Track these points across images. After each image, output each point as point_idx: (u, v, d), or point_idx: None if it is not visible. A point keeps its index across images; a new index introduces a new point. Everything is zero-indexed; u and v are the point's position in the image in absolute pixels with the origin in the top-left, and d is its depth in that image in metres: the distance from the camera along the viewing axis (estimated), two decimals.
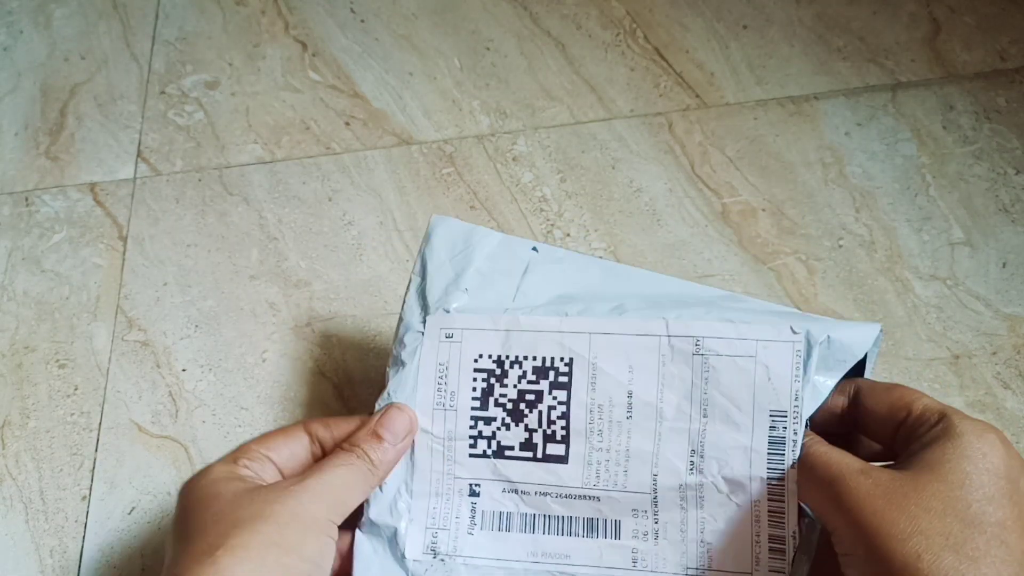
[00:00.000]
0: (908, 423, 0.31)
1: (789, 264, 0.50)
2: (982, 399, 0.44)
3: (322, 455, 0.35)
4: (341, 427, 0.35)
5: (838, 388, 0.33)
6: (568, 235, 0.51)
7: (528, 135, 0.56)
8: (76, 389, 0.46)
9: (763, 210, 0.52)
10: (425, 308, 0.37)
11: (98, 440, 0.45)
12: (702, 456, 0.33)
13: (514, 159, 0.55)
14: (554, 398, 0.35)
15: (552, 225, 0.52)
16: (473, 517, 0.35)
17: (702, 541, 0.33)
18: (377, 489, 0.35)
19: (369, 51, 0.61)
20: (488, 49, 0.61)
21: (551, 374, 0.35)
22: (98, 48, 0.62)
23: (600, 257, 0.50)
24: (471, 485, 0.35)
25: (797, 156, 0.54)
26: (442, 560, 0.35)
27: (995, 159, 0.54)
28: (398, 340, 0.37)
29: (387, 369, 0.37)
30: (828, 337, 0.33)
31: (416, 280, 0.38)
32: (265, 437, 0.34)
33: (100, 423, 0.45)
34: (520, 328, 0.35)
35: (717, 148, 0.55)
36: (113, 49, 0.62)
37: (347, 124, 0.57)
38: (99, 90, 0.60)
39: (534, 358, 0.35)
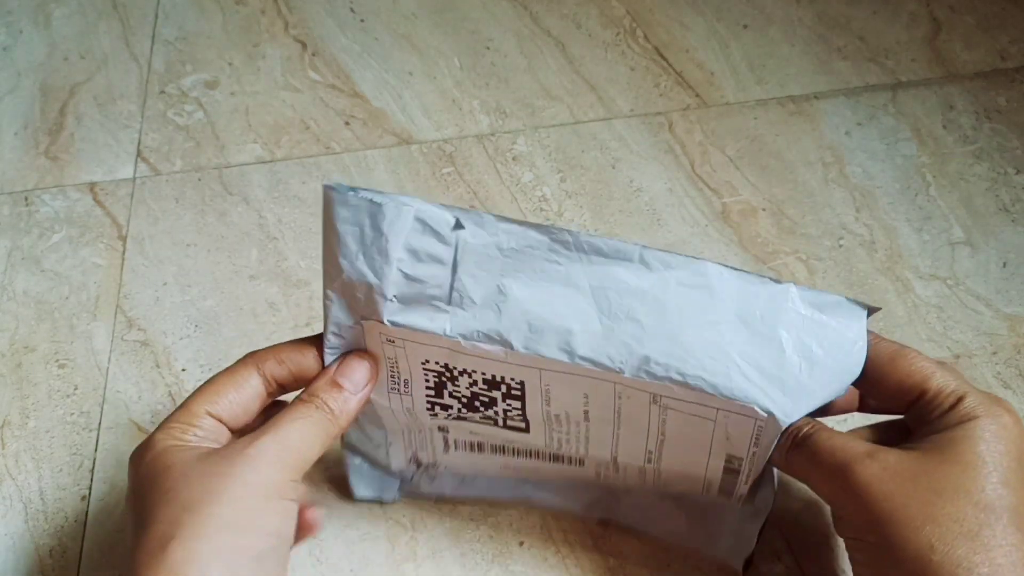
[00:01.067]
0: (922, 403, 0.30)
1: (789, 264, 0.50)
2: None
3: (277, 391, 0.32)
4: (295, 359, 0.32)
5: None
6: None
7: (528, 135, 0.56)
8: (76, 389, 0.46)
9: (763, 210, 0.52)
10: (355, 308, 0.32)
11: (98, 440, 0.45)
12: (659, 458, 0.35)
13: (514, 159, 0.55)
14: (508, 404, 0.34)
15: (552, 224, 0.52)
16: (446, 444, 0.37)
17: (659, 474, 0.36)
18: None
19: (369, 51, 0.61)
20: (488, 48, 0.61)
21: (503, 387, 0.33)
22: (98, 48, 0.62)
23: None
24: (439, 428, 0.37)
25: (797, 156, 0.54)
26: (425, 469, 0.38)
27: (995, 159, 0.54)
28: (333, 324, 0.32)
29: (324, 348, 0.33)
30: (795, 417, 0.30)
31: (331, 273, 0.32)
32: (211, 389, 0.31)
33: (100, 423, 0.45)
34: (464, 352, 0.32)
35: (717, 148, 0.55)
36: (113, 49, 0.62)
37: (347, 124, 0.57)
38: (99, 90, 0.60)
39: (483, 373, 0.33)
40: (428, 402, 0.35)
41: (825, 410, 0.32)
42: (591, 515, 0.39)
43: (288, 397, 0.34)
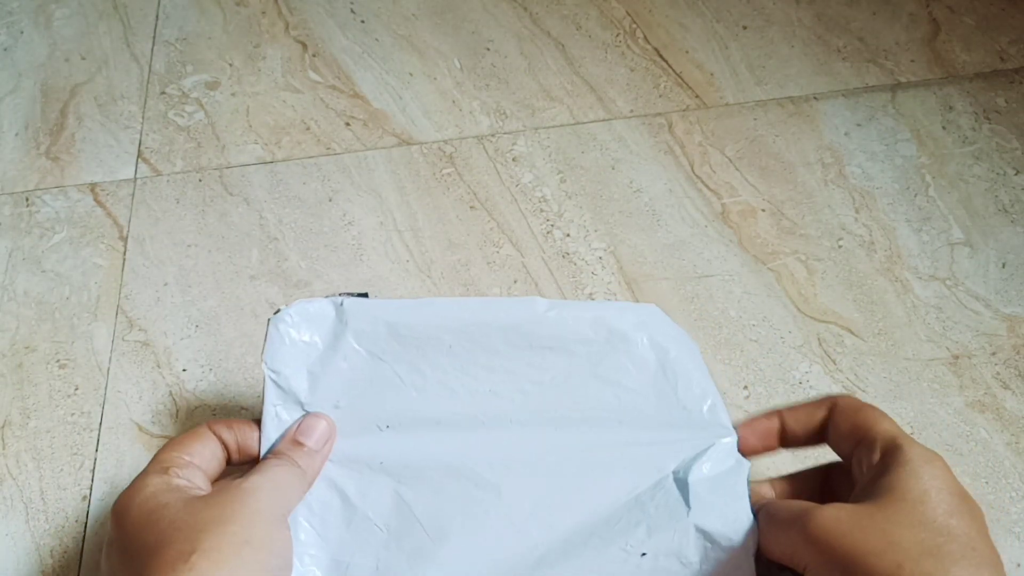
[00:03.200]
0: (864, 443, 0.32)
1: (789, 264, 0.50)
2: (981, 399, 0.44)
3: (228, 459, 0.35)
4: (243, 430, 0.35)
5: (820, 402, 0.34)
6: (568, 235, 0.51)
7: (528, 135, 0.56)
8: (77, 389, 0.46)
9: (763, 210, 0.52)
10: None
11: (98, 440, 0.45)
12: None
13: (514, 159, 0.55)
14: None
15: (552, 225, 0.52)
16: None
17: None
18: None
19: (369, 51, 0.61)
20: (488, 50, 0.61)
21: None
22: (98, 48, 0.62)
23: (600, 258, 0.50)
24: None
25: (797, 156, 0.54)
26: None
27: (994, 159, 0.54)
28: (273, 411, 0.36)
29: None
30: None
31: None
32: (180, 444, 0.33)
33: (100, 423, 0.45)
34: None
35: (717, 148, 0.55)
36: (113, 49, 0.62)
37: (347, 124, 0.57)
38: (99, 90, 0.60)
39: None
40: None
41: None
42: None
43: None
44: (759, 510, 0.33)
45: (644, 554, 0.32)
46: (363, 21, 0.63)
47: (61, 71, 0.61)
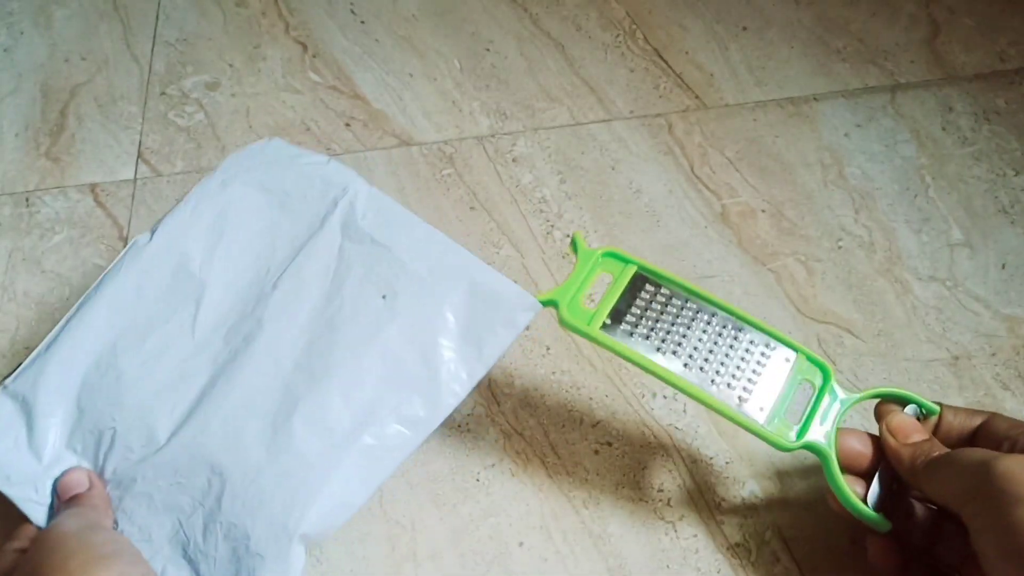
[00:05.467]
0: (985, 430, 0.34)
1: (788, 265, 0.50)
2: (981, 400, 0.44)
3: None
4: (22, 531, 0.36)
5: (968, 414, 0.36)
6: (568, 236, 0.51)
7: (528, 136, 0.56)
8: None
9: (762, 211, 0.52)
10: None
11: None
12: None
13: (514, 160, 0.55)
14: None
15: (552, 226, 0.52)
16: None
17: None
18: None
19: (369, 52, 0.61)
20: (488, 50, 0.61)
21: None
22: (99, 49, 0.62)
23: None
24: None
25: (796, 157, 0.54)
26: None
27: (994, 160, 0.54)
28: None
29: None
30: None
31: None
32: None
33: None
34: None
35: (717, 149, 0.55)
36: (114, 50, 0.62)
37: (347, 125, 0.57)
38: (100, 91, 0.60)
39: None
40: None
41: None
42: None
43: None
44: (938, 458, 0.33)
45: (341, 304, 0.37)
46: (363, 22, 0.63)
47: (61, 72, 0.61)
